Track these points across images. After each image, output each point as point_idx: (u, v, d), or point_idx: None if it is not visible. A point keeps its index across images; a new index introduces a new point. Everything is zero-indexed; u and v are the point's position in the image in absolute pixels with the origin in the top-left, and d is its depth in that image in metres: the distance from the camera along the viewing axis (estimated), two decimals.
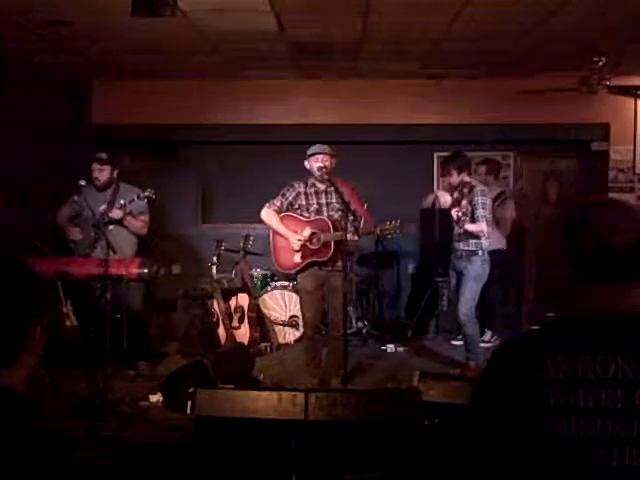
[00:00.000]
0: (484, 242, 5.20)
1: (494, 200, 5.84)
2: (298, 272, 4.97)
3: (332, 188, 4.80)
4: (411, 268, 7.49)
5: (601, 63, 5.59)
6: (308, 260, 4.88)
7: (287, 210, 4.96)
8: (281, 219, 4.94)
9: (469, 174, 5.37)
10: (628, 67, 6.29)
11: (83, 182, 5.24)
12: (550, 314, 6.25)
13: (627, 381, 1.20)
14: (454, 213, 5.18)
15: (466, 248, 5.25)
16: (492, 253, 5.50)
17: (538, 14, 4.79)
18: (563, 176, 7.67)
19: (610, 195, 6.99)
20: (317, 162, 4.80)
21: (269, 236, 5.13)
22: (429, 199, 6.26)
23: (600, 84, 5.68)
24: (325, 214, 4.88)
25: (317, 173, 4.79)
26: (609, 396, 1.20)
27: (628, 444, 1.18)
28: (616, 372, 1.21)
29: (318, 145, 4.92)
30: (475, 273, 5.22)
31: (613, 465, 1.18)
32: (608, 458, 1.18)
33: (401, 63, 6.41)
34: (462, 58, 6.21)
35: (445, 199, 5.39)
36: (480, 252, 5.21)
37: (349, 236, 4.62)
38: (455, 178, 5.25)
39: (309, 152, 4.89)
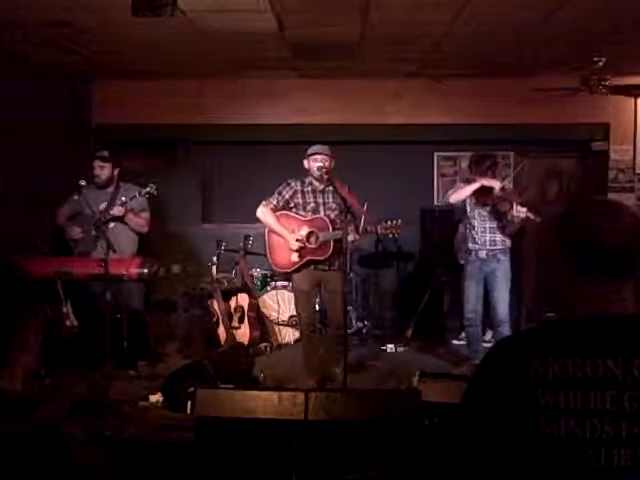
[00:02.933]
0: (508, 241, 5.29)
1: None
2: (294, 271, 4.97)
3: (330, 188, 4.82)
4: (411, 268, 7.50)
5: (601, 63, 5.60)
6: (306, 259, 4.87)
7: (283, 208, 4.96)
8: (278, 218, 4.92)
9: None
10: (628, 67, 6.29)
11: (83, 182, 5.24)
12: (550, 314, 6.26)
13: (616, 382, 1.21)
14: (527, 212, 5.08)
15: (493, 247, 5.29)
16: None
17: (538, 14, 4.79)
18: (563, 176, 7.66)
19: (610, 195, 6.99)
20: (316, 162, 4.82)
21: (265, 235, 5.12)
22: (467, 189, 5.22)
23: (600, 84, 5.69)
24: (322, 213, 4.89)
25: (317, 173, 4.81)
26: (598, 397, 1.20)
27: (616, 445, 1.19)
28: (605, 373, 1.21)
29: (319, 145, 4.93)
30: (506, 272, 5.29)
31: (601, 466, 1.19)
32: (597, 459, 1.19)
33: (401, 63, 6.41)
34: (462, 58, 6.21)
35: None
36: (507, 251, 5.30)
37: (350, 236, 4.57)
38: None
39: (309, 152, 4.90)
